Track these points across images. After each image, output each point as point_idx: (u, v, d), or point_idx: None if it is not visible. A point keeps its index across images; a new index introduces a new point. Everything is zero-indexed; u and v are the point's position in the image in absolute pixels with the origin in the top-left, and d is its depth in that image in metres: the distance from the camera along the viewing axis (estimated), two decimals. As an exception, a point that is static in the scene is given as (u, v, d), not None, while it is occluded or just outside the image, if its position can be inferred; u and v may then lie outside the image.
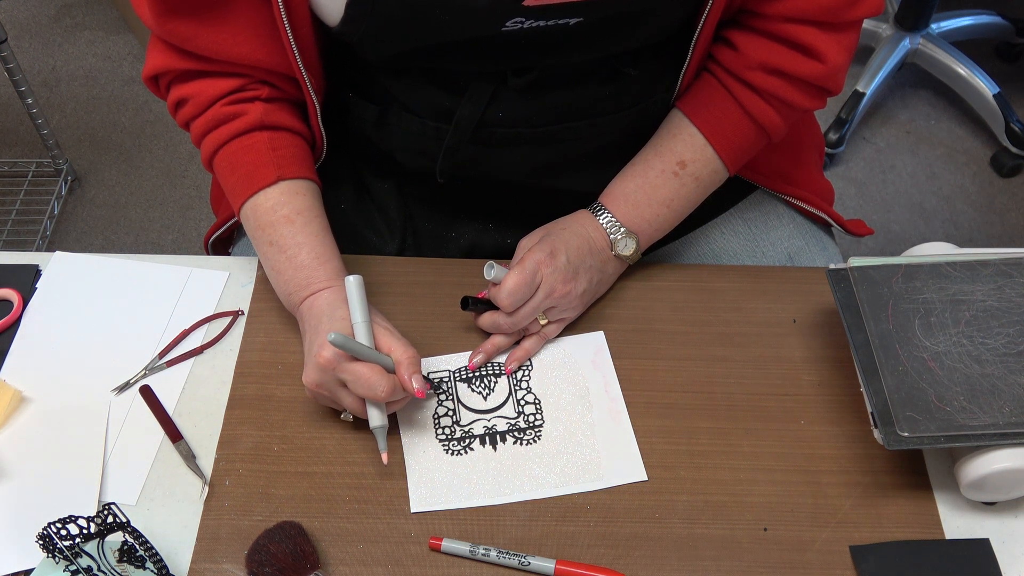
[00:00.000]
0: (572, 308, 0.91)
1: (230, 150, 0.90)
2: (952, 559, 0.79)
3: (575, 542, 0.80)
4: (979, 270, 0.87)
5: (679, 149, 0.92)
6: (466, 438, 0.86)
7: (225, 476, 0.83)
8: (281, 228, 0.88)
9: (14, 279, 0.96)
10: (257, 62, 0.87)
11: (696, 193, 0.95)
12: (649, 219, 0.93)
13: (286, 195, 0.89)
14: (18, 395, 0.87)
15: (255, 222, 0.89)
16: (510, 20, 0.80)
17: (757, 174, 1.04)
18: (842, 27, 0.87)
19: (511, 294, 0.86)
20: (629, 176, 0.94)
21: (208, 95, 0.89)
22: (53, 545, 0.72)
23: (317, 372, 0.81)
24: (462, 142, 0.92)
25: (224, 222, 1.04)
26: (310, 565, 0.76)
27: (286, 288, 0.88)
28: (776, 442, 0.86)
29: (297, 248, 0.87)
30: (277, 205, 0.88)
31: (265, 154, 0.89)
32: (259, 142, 0.90)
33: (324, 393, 0.82)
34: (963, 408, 0.79)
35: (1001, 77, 2.24)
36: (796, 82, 0.89)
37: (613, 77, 0.91)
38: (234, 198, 0.91)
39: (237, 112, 0.89)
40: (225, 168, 0.91)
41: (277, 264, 0.88)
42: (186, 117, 0.92)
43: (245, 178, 0.89)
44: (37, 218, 2.05)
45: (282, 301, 0.90)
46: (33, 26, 2.55)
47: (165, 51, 0.88)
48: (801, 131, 1.08)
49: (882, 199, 2.18)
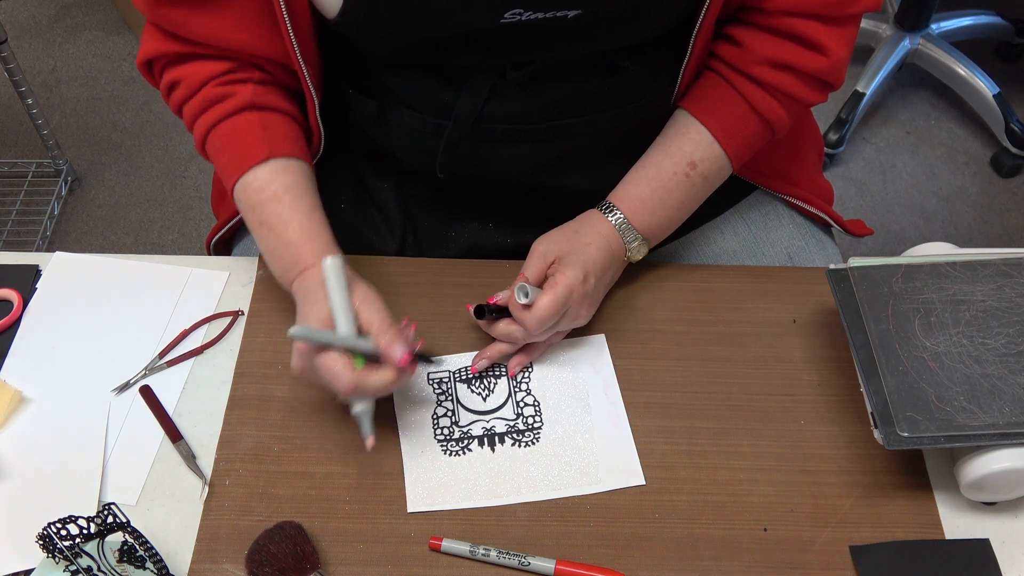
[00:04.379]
0: (580, 323, 0.91)
1: (221, 131, 0.90)
2: (952, 559, 0.79)
3: (575, 542, 0.80)
4: (979, 270, 0.87)
5: (688, 149, 0.92)
6: (464, 439, 0.86)
7: (225, 476, 0.83)
8: (269, 206, 0.87)
9: (14, 279, 0.96)
10: (254, 50, 0.87)
11: (703, 193, 0.95)
12: (663, 224, 0.93)
13: (274, 173, 0.88)
14: (18, 395, 0.87)
15: (246, 202, 0.89)
16: (508, 11, 0.80)
17: (757, 173, 1.04)
18: (843, 21, 0.87)
19: (542, 320, 0.84)
20: (643, 180, 0.93)
21: (199, 76, 0.89)
22: (53, 545, 0.72)
23: (296, 357, 0.80)
24: (462, 137, 0.92)
25: (225, 223, 1.04)
26: (310, 565, 0.76)
27: (279, 268, 0.87)
28: (776, 442, 0.86)
29: (284, 226, 0.86)
30: (266, 184, 0.88)
31: (255, 133, 0.89)
32: (250, 122, 0.89)
33: (310, 376, 0.81)
34: (963, 408, 0.79)
35: (1001, 77, 2.24)
36: (801, 76, 0.90)
37: (612, 73, 0.91)
38: (226, 178, 0.90)
39: (228, 93, 0.89)
40: (217, 148, 0.91)
41: (268, 244, 0.88)
42: (179, 100, 0.91)
43: (236, 157, 0.89)
44: (37, 218, 2.05)
45: (277, 278, 0.89)
46: (33, 26, 2.55)
47: (158, 36, 0.88)
48: (800, 131, 1.08)
49: (882, 199, 2.18)
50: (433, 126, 0.92)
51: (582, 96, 0.91)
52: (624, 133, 0.96)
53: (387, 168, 1.02)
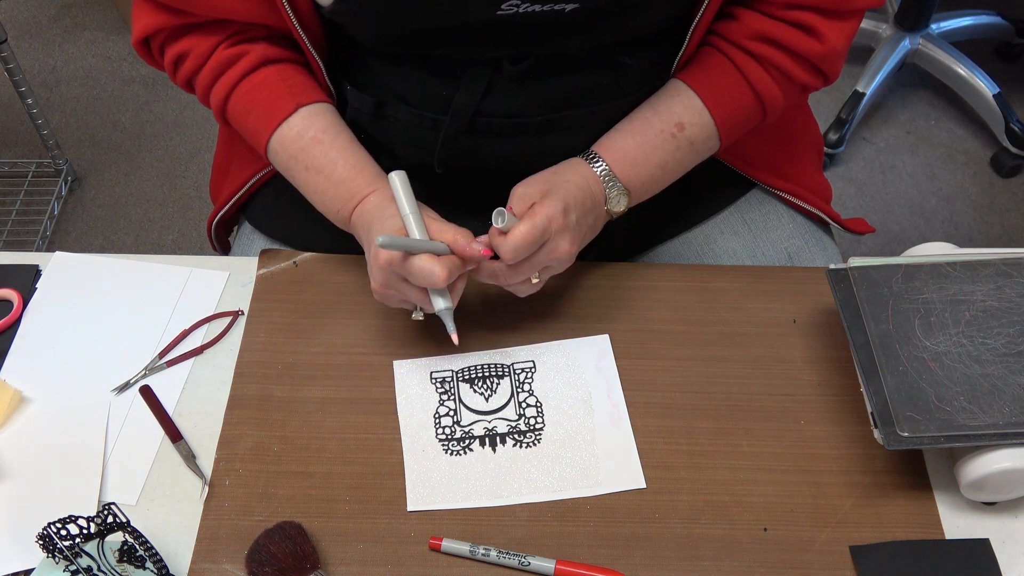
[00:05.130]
0: (562, 268, 0.88)
1: (242, 91, 0.91)
2: (952, 559, 0.79)
3: (575, 542, 0.80)
4: (979, 270, 0.87)
5: (678, 110, 0.91)
6: (466, 438, 0.86)
7: (225, 476, 0.83)
8: (312, 150, 0.89)
9: (14, 279, 0.96)
10: (253, 18, 0.88)
11: (689, 159, 0.94)
12: (644, 179, 0.92)
13: (307, 119, 0.90)
14: (18, 395, 0.87)
15: (285, 154, 0.90)
16: (505, 3, 0.80)
17: (750, 166, 1.03)
18: (844, 15, 0.88)
19: (517, 249, 0.82)
20: (628, 132, 0.92)
21: (206, 44, 0.89)
22: (53, 545, 0.72)
23: (379, 273, 0.83)
24: (459, 132, 0.92)
25: (225, 203, 1.04)
26: (310, 565, 0.76)
27: (333, 206, 0.90)
28: (776, 442, 0.86)
29: (332, 165, 0.89)
30: (303, 130, 0.90)
31: (278, 86, 0.90)
32: (269, 76, 0.90)
33: (392, 292, 0.84)
34: (963, 408, 0.79)
35: (1001, 77, 2.24)
36: (794, 56, 0.90)
37: (609, 67, 0.91)
38: (257, 138, 0.91)
39: (240, 52, 0.90)
40: (241, 110, 0.91)
41: (317, 186, 0.90)
42: (188, 73, 0.92)
43: (264, 114, 0.90)
44: (37, 218, 2.05)
45: (333, 221, 0.92)
46: (33, 26, 2.55)
47: (154, 11, 0.88)
48: (799, 128, 1.08)
49: (882, 199, 2.18)
50: (430, 121, 0.92)
51: (579, 90, 0.91)
52: None
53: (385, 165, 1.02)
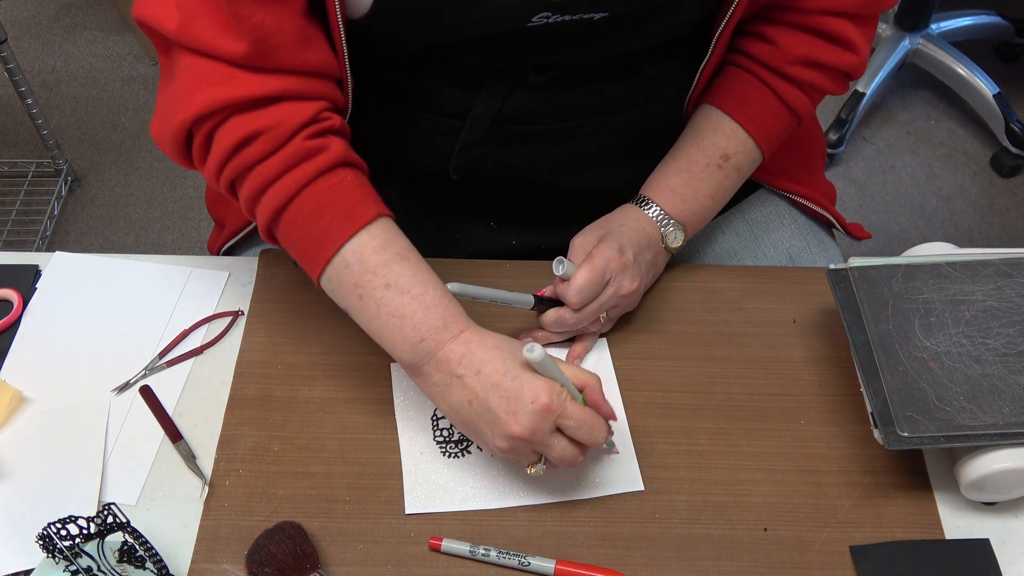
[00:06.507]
0: (631, 305, 0.92)
1: (317, 188, 0.79)
2: (952, 559, 0.79)
3: (575, 542, 0.80)
4: (979, 270, 0.87)
5: (722, 144, 0.93)
6: (464, 441, 0.86)
7: (225, 476, 0.83)
8: (396, 267, 0.78)
9: (14, 279, 0.96)
10: (326, 68, 0.80)
11: (737, 182, 0.96)
12: (696, 211, 0.93)
13: (389, 232, 0.80)
14: (18, 395, 0.87)
15: (361, 266, 0.78)
16: (536, 15, 0.79)
17: (764, 172, 1.04)
18: (870, 19, 0.90)
19: (580, 291, 0.85)
20: (673, 170, 0.93)
21: (290, 125, 0.78)
22: (53, 545, 0.72)
23: (533, 419, 0.73)
24: (477, 139, 0.91)
25: (237, 231, 1.02)
26: (310, 565, 0.76)
27: (415, 333, 0.77)
28: (776, 442, 0.86)
29: (423, 286, 0.78)
30: (385, 243, 0.79)
31: (358, 190, 0.80)
32: (347, 178, 0.80)
33: (535, 441, 0.74)
34: (963, 408, 0.79)
35: (1001, 77, 2.24)
36: (829, 71, 0.91)
37: (629, 75, 0.91)
38: (326, 244, 0.79)
39: (322, 146, 0.79)
40: (313, 209, 0.79)
41: (400, 308, 0.78)
42: (254, 158, 0.78)
43: (343, 217, 0.78)
44: (37, 218, 2.05)
45: (402, 352, 0.79)
46: (33, 26, 2.55)
47: (225, 78, 0.76)
48: (806, 131, 1.09)
49: (882, 199, 2.18)
50: (447, 128, 0.92)
51: (597, 99, 0.91)
52: (635, 134, 0.96)
53: (391, 171, 1.01)
